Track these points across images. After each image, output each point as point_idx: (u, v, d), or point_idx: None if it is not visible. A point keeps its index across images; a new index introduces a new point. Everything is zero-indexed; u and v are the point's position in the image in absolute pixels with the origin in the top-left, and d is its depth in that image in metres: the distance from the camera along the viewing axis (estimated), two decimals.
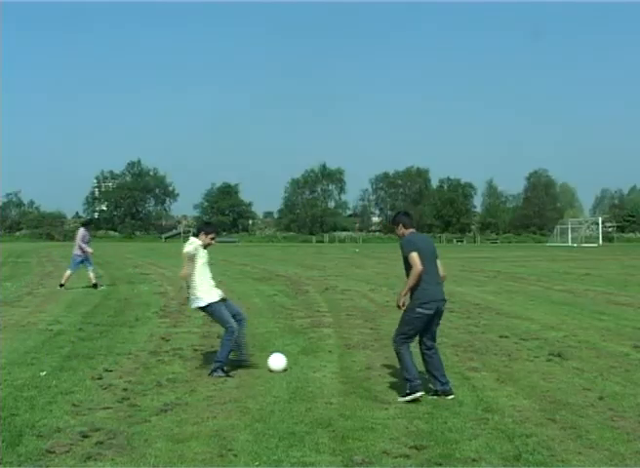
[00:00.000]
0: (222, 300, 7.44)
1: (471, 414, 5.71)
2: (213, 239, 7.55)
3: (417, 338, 6.44)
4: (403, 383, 6.24)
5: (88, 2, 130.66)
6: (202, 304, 7.31)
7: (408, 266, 6.28)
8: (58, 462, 4.60)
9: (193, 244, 7.34)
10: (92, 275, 16.27)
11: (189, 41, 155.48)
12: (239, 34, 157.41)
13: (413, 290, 6.27)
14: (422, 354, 6.42)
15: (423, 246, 6.39)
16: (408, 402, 6.00)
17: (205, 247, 7.51)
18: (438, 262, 6.52)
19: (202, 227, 7.77)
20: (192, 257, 7.25)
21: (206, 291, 7.31)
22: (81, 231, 16.52)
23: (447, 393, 6.22)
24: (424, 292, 6.25)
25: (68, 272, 16.15)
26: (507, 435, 5.17)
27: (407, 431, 5.27)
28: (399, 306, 6.32)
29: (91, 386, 6.58)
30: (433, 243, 6.78)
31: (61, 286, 15.85)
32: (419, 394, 6.02)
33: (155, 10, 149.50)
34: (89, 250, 16.19)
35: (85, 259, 16.20)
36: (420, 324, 6.26)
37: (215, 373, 7.06)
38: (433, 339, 6.44)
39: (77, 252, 16.14)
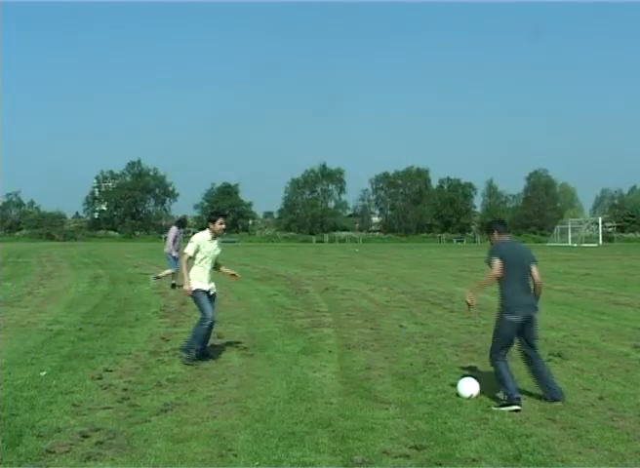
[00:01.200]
0: (210, 294, 7.73)
1: (471, 414, 5.71)
2: (222, 224, 7.68)
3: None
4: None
5: (88, 2, 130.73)
6: (193, 288, 7.64)
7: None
8: (58, 462, 4.60)
9: (193, 242, 7.68)
10: (167, 272, 16.73)
11: (189, 41, 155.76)
12: (239, 34, 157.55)
13: (501, 299, 6.19)
14: (526, 366, 6.38)
15: (511, 254, 6.23)
16: (509, 410, 5.81)
17: (214, 237, 7.69)
18: (534, 270, 6.29)
19: (209, 218, 7.91)
20: (194, 254, 7.63)
21: (199, 278, 7.66)
22: (174, 230, 16.90)
23: (556, 399, 6.07)
24: (511, 299, 6.11)
25: (169, 270, 16.61)
26: (507, 435, 5.17)
27: (407, 431, 5.27)
28: (468, 303, 6.28)
29: (91, 386, 6.58)
30: (528, 251, 6.49)
31: (174, 286, 16.13)
32: (514, 407, 5.80)
33: (155, 10, 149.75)
34: (174, 253, 16.48)
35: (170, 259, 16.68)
36: (511, 333, 6.14)
37: (183, 354, 7.56)
38: (532, 348, 6.29)
39: (172, 248, 16.53)
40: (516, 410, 5.78)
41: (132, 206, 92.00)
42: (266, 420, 5.49)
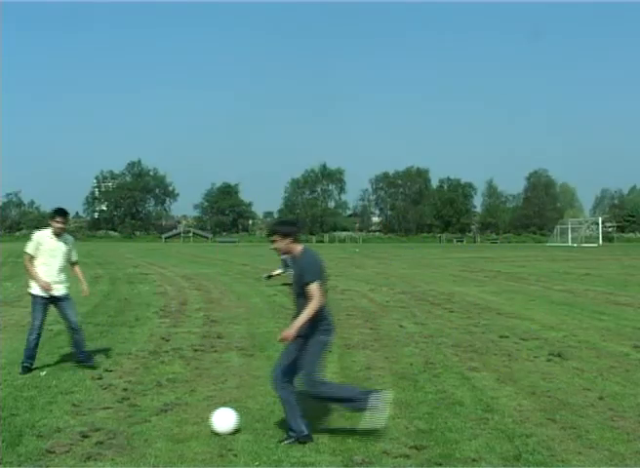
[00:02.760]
0: (53, 299, 7.31)
1: (471, 414, 5.71)
2: (59, 222, 7.21)
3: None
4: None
5: (88, 2, 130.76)
6: (30, 291, 7.38)
7: None
8: (58, 462, 4.60)
9: (32, 241, 7.26)
10: (278, 272, 17.18)
11: (189, 41, 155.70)
12: (239, 34, 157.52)
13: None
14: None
15: None
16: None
17: (57, 235, 7.26)
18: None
19: (50, 214, 7.50)
20: (34, 252, 7.23)
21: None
22: None
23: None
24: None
25: (279, 271, 17.14)
26: (507, 435, 5.17)
27: (407, 431, 5.27)
28: None
29: (91, 386, 6.58)
30: None
31: (269, 277, 17.02)
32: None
33: (155, 10, 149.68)
34: None
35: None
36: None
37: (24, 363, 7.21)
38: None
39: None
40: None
41: (132, 206, 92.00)
42: (266, 420, 5.49)
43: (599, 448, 4.89)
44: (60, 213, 7.30)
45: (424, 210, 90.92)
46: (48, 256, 7.24)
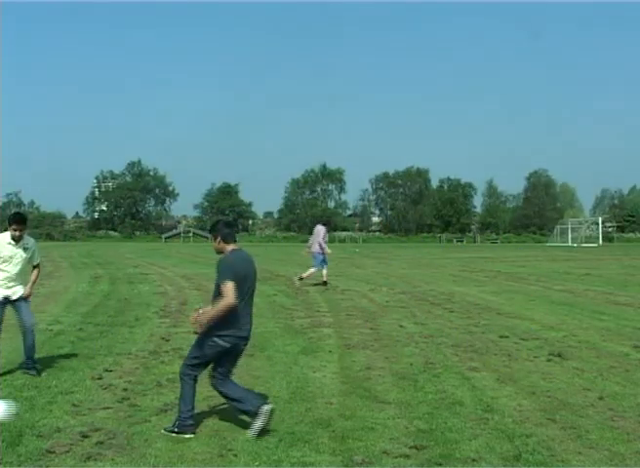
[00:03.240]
0: (12, 300, 7.20)
1: (471, 414, 5.71)
2: (15, 230, 7.01)
3: None
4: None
5: (88, 2, 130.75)
6: None
7: None
8: (58, 462, 4.60)
9: None
10: (325, 272, 17.11)
11: (189, 41, 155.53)
12: (239, 34, 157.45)
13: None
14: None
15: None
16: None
17: (15, 240, 7.06)
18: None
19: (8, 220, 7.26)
20: None
21: None
22: (322, 230, 17.24)
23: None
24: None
25: (312, 270, 17.05)
26: (507, 435, 5.17)
27: (407, 431, 5.27)
28: None
29: (91, 386, 6.58)
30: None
31: (301, 279, 16.85)
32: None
33: (155, 9, 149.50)
34: (328, 250, 17.12)
35: (323, 258, 17.05)
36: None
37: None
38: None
39: (318, 249, 16.96)
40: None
41: (132, 206, 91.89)
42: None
43: (599, 448, 4.90)
44: (16, 219, 7.08)
45: (424, 210, 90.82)
46: (4, 262, 7.08)
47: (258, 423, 5.10)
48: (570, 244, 63.83)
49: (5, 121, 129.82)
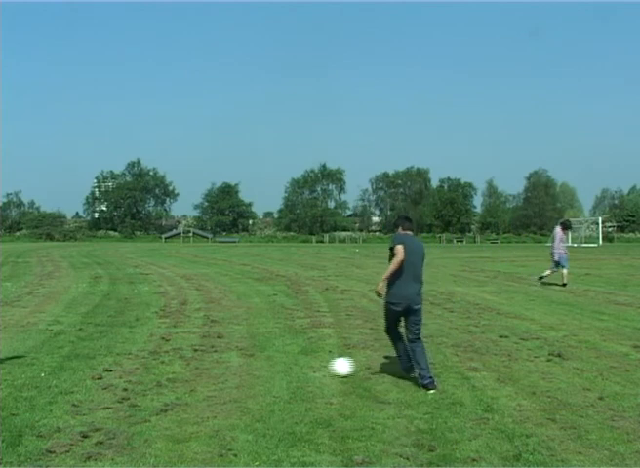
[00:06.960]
0: None
1: (471, 414, 5.71)
2: None
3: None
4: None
5: (88, 2, 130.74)
6: None
7: None
8: (58, 462, 4.60)
9: None
10: (565, 272, 17.58)
11: (189, 41, 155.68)
12: (239, 34, 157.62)
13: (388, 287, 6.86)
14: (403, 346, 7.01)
15: (411, 244, 6.91)
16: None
17: None
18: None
19: None
20: None
21: None
22: (560, 231, 18.32)
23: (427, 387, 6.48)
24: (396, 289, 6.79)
25: (565, 271, 17.61)
26: (507, 435, 5.17)
27: (407, 431, 5.27)
28: (378, 294, 6.82)
29: (91, 386, 6.58)
30: (423, 246, 7.21)
31: (564, 285, 17.14)
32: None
33: (155, 10, 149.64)
34: (559, 250, 17.87)
35: (562, 258, 17.76)
36: (393, 317, 6.99)
37: None
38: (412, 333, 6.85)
39: (561, 249, 17.84)
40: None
41: (132, 206, 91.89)
42: (266, 420, 5.49)
43: (599, 448, 4.90)
44: None
45: (424, 210, 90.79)
46: None
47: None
48: (570, 244, 63.78)
49: (5, 121, 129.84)
